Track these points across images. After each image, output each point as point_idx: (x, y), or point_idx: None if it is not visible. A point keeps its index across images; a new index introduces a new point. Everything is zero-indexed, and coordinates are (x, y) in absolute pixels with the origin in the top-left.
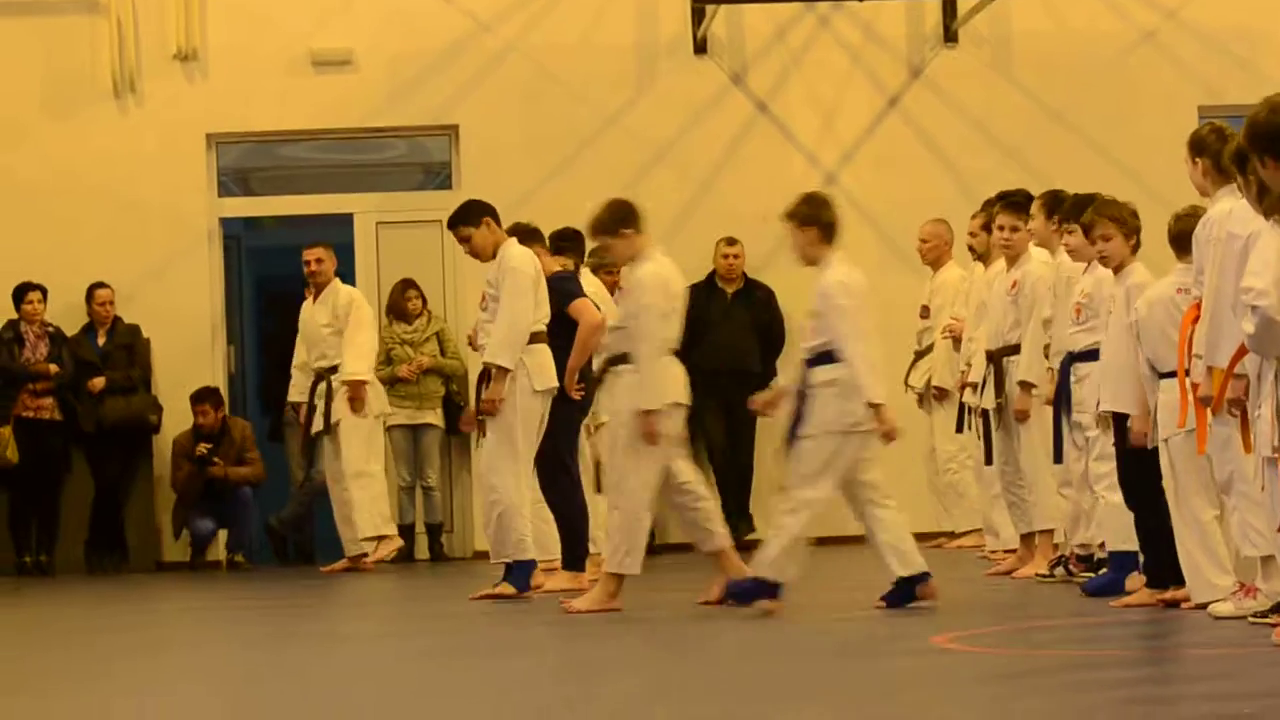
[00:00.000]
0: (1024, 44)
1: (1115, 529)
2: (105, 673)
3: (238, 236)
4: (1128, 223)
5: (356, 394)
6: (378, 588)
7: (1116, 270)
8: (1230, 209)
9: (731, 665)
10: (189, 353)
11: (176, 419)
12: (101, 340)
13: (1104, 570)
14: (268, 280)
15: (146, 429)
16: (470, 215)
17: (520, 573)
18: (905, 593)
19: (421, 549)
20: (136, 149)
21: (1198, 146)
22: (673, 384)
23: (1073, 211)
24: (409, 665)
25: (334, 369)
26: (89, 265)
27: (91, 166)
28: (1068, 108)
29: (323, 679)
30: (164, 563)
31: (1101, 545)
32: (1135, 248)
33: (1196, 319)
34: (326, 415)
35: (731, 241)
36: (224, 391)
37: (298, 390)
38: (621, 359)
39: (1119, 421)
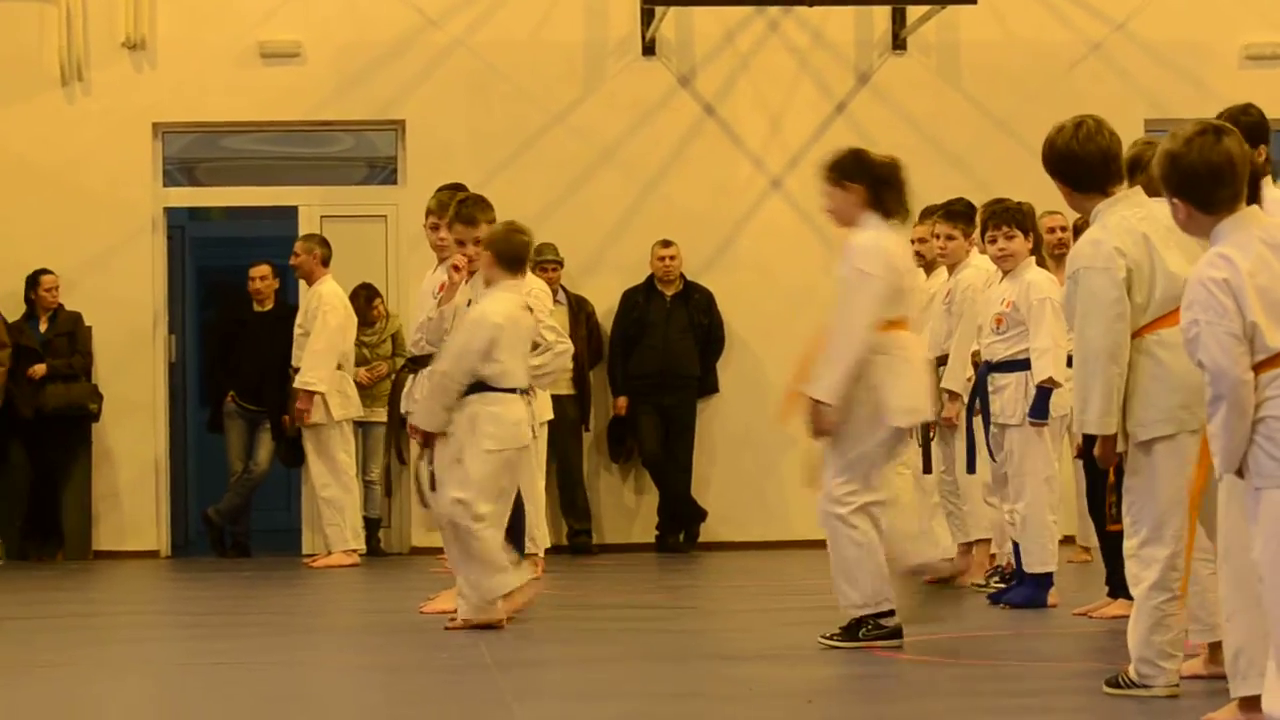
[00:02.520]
0: (971, 53)
1: (1037, 550)
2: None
3: (182, 226)
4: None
5: (304, 404)
6: (337, 581)
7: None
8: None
9: (660, 668)
10: (130, 341)
11: (117, 407)
12: (43, 327)
13: (1014, 582)
14: (211, 271)
15: (86, 417)
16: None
17: None
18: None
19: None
20: (82, 137)
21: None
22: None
23: (1003, 217)
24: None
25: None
26: (31, 252)
27: (37, 153)
28: (1014, 117)
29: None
30: (100, 551)
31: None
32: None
33: None
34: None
35: (666, 244)
36: (165, 380)
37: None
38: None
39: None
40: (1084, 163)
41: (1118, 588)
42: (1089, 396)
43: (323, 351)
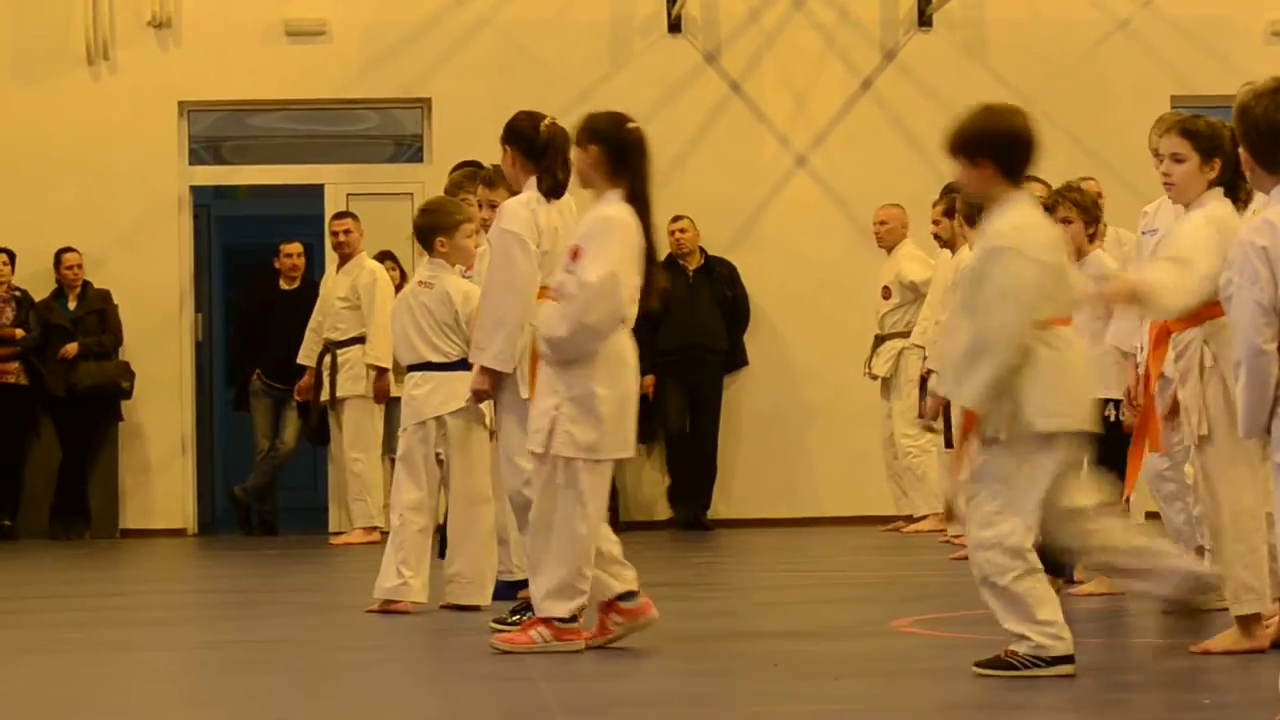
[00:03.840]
0: (998, 30)
1: None
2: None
3: (208, 205)
4: (1090, 210)
5: (380, 382)
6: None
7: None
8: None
9: (685, 646)
10: (157, 320)
11: (144, 386)
12: (73, 305)
13: None
14: (237, 249)
15: (117, 395)
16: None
17: None
18: None
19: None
20: (108, 116)
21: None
22: None
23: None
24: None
25: (343, 343)
26: (59, 231)
27: (63, 133)
28: (1040, 95)
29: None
30: (127, 530)
31: None
32: (1094, 237)
33: None
34: (332, 389)
35: (677, 218)
36: (191, 359)
37: (306, 353)
38: None
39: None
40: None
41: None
42: (982, 374)
43: (385, 327)
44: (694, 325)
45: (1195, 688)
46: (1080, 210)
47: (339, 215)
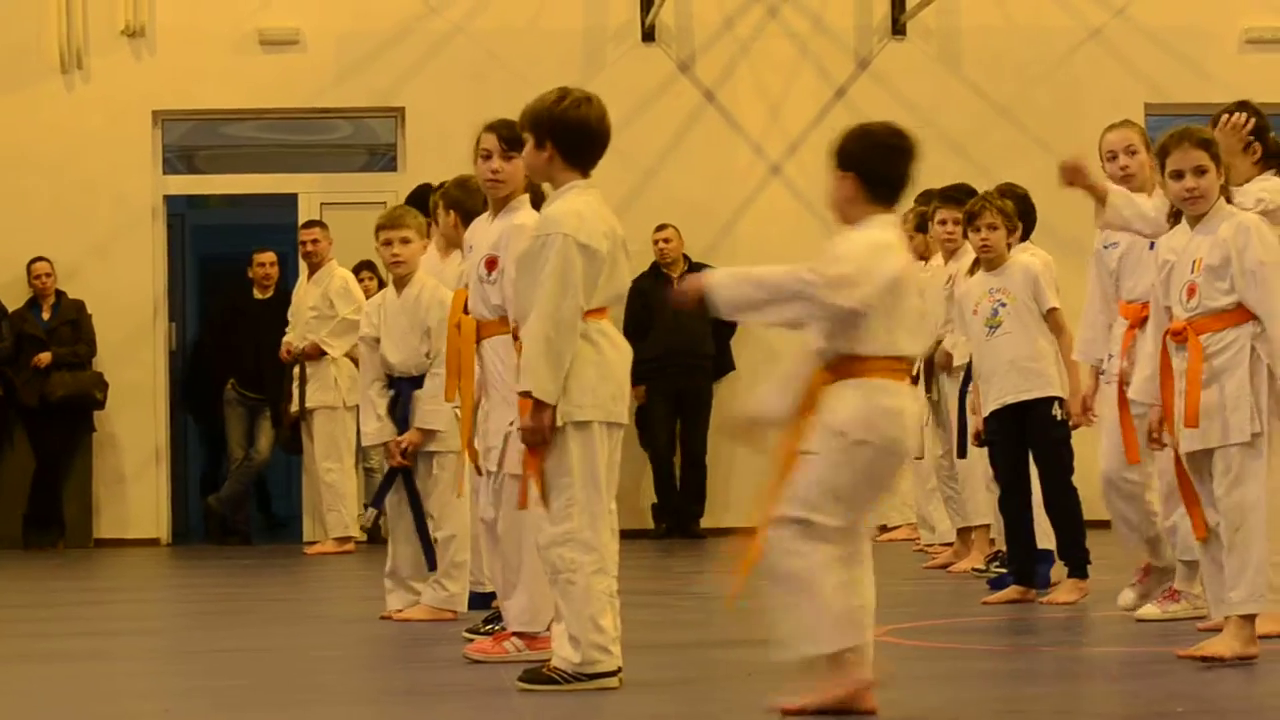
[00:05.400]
0: (972, 38)
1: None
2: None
3: (181, 214)
4: (1012, 218)
5: (311, 350)
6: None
7: (991, 267)
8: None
9: (660, 655)
10: (130, 329)
11: (118, 395)
12: (46, 315)
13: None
14: (211, 258)
15: (91, 405)
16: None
17: None
18: None
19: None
20: (82, 125)
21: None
22: None
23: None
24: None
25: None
26: (32, 241)
27: (37, 142)
28: (1014, 103)
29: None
30: (101, 539)
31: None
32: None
33: None
34: (301, 399)
35: (661, 227)
36: (165, 368)
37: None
38: None
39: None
40: None
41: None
42: (555, 362)
43: (353, 326)
44: (679, 332)
45: (1170, 696)
46: (1004, 217)
47: (307, 225)
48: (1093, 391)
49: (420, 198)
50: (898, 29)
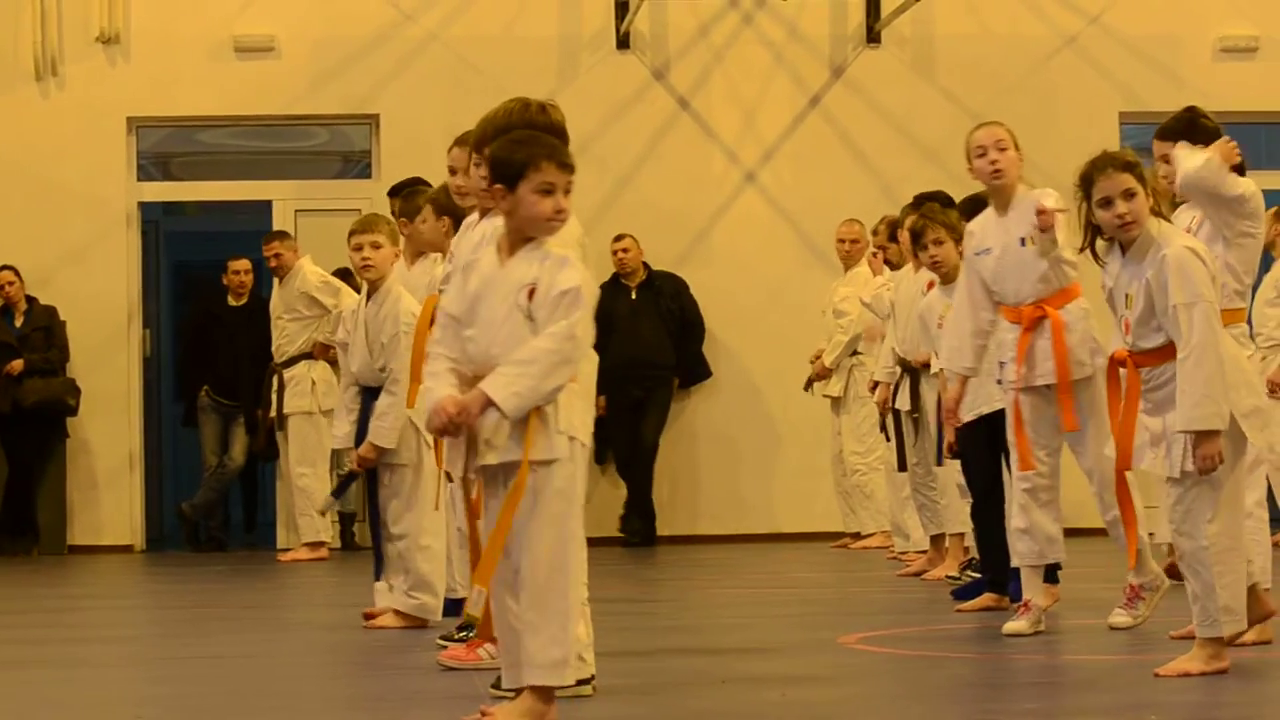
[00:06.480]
0: (946, 46)
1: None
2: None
3: (156, 221)
4: (956, 228)
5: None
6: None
7: (948, 281)
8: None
9: (631, 662)
10: (105, 336)
11: (92, 402)
12: (19, 322)
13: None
14: (185, 265)
15: (64, 412)
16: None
17: None
18: None
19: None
20: (57, 132)
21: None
22: None
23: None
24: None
25: (288, 362)
26: (6, 247)
27: (11, 148)
28: (989, 111)
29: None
30: (75, 546)
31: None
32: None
33: None
34: (279, 405)
35: (619, 237)
36: (139, 375)
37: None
38: None
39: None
40: None
41: (997, 587)
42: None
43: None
44: (638, 341)
45: (1142, 705)
46: (949, 230)
47: (266, 238)
48: (957, 398)
49: (406, 192)
50: (872, 37)
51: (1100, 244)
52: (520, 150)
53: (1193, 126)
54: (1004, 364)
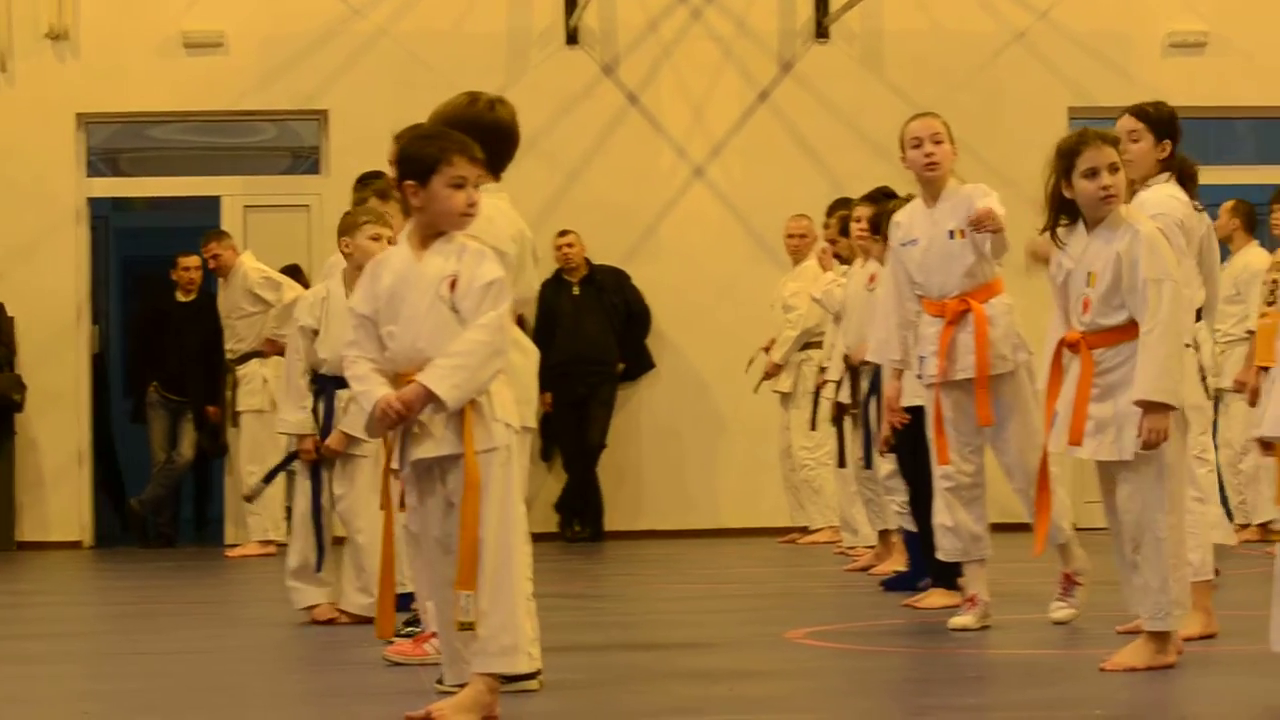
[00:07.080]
0: (895, 42)
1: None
2: None
3: (105, 217)
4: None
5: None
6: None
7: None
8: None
9: (577, 658)
10: (53, 332)
11: (39, 398)
12: None
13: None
14: (134, 261)
15: (10, 407)
16: None
17: None
18: None
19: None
20: (5, 127)
21: None
22: None
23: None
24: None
25: (241, 358)
26: None
27: None
28: (938, 106)
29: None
30: (24, 542)
31: None
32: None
33: None
34: (233, 403)
35: (564, 233)
36: (88, 371)
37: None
38: None
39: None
40: None
41: (939, 575)
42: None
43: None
44: (580, 337)
45: (1085, 699)
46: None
47: (205, 239)
48: (896, 392)
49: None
50: (821, 32)
51: (1060, 229)
52: (431, 145)
53: (1173, 123)
54: (924, 358)
